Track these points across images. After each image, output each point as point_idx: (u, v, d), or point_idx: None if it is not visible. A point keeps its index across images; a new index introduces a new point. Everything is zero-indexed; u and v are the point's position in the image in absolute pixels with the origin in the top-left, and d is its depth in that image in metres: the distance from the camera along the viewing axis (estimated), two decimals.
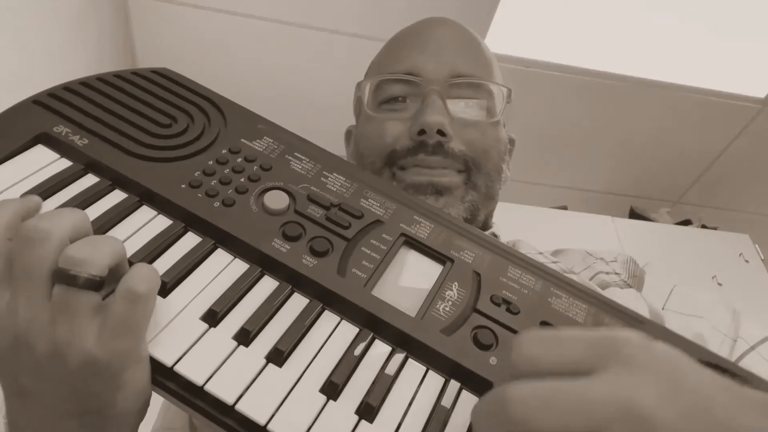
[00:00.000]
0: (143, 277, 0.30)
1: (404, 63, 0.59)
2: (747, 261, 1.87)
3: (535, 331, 0.26)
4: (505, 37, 1.69)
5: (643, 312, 0.54)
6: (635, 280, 0.62)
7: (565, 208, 2.04)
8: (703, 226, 2.08)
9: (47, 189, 0.37)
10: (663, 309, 0.56)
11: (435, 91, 0.56)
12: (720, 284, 1.78)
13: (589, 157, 2.08)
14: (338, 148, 0.68)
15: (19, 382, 0.31)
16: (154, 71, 0.47)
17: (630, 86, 1.82)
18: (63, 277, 0.29)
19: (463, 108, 0.58)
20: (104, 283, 0.30)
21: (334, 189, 0.42)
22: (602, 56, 1.75)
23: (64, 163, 0.39)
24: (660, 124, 1.95)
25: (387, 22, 1.63)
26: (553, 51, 1.73)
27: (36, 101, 0.42)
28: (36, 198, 0.34)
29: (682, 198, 2.25)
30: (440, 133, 0.55)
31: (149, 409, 0.35)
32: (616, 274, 0.62)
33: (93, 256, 0.29)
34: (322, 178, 0.42)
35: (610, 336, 0.25)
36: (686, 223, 2.10)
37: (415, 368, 0.35)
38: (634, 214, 2.19)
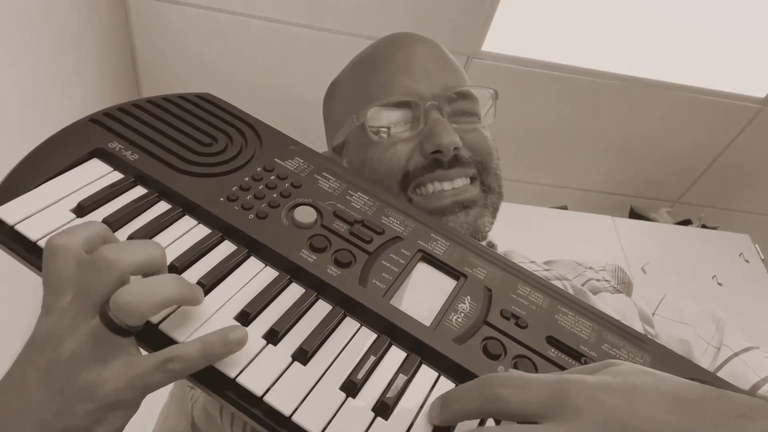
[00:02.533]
0: (186, 358, 0.33)
1: (396, 88, 0.59)
2: (747, 261, 1.87)
3: (504, 374, 0.30)
4: (505, 37, 1.69)
5: (634, 314, 0.57)
6: (624, 286, 0.66)
7: (565, 208, 2.04)
8: (703, 226, 2.08)
9: (102, 198, 0.41)
10: (653, 315, 0.59)
11: (434, 107, 0.57)
12: (720, 284, 1.78)
13: (590, 157, 2.08)
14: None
15: (24, 373, 0.33)
16: (199, 96, 0.52)
17: (630, 86, 1.82)
18: (102, 316, 0.32)
19: (460, 117, 0.60)
20: (137, 331, 0.33)
21: (358, 207, 0.46)
22: (602, 56, 1.75)
23: (117, 176, 0.44)
24: (660, 124, 1.95)
25: (387, 22, 1.63)
26: (553, 51, 1.73)
27: (93, 120, 0.47)
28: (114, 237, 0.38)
29: (682, 198, 2.26)
30: (455, 149, 0.56)
31: (147, 416, 0.36)
32: (606, 281, 0.65)
33: (138, 306, 0.32)
34: (347, 197, 0.46)
35: (565, 384, 0.28)
36: (686, 223, 2.10)
37: (427, 373, 0.37)
38: (634, 214, 2.19)
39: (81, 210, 0.40)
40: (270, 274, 0.40)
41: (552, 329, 0.41)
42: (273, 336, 0.36)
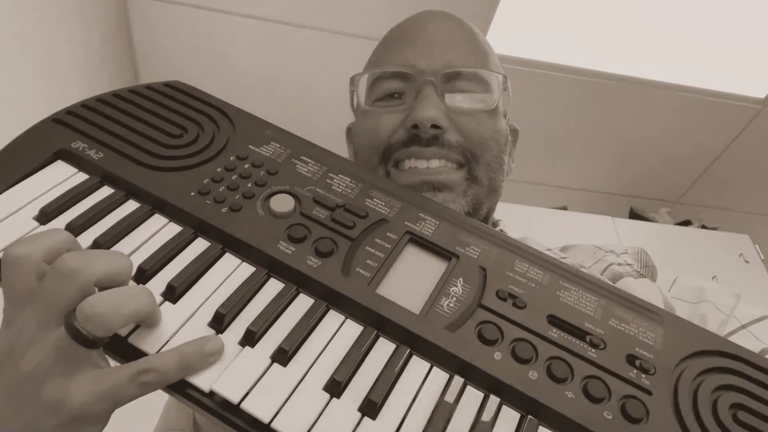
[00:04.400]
0: (161, 370, 0.31)
1: (396, 59, 0.58)
2: (747, 261, 1.87)
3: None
4: (505, 37, 1.68)
5: (658, 301, 0.54)
6: (648, 269, 0.62)
7: (565, 208, 2.04)
8: (703, 226, 2.08)
9: (66, 202, 0.39)
10: (668, 293, 0.56)
11: (429, 82, 0.54)
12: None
13: (589, 157, 2.08)
14: (338, 147, 0.68)
15: None
16: (167, 84, 0.49)
17: (630, 86, 1.82)
18: (69, 327, 0.30)
19: (458, 99, 0.56)
20: (104, 343, 0.31)
21: (339, 190, 0.43)
22: (602, 56, 1.75)
23: (82, 177, 0.41)
24: (660, 124, 1.95)
25: (388, 22, 1.62)
26: (553, 51, 1.73)
27: (55, 119, 0.44)
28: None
29: (682, 198, 2.25)
30: (435, 126, 0.53)
31: (150, 412, 0.35)
32: (628, 264, 0.61)
33: (106, 317, 0.30)
34: (327, 180, 0.43)
35: None
36: (686, 223, 2.10)
37: (419, 365, 0.35)
38: (634, 214, 2.19)
39: (44, 216, 0.38)
40: (247, 270, 0.38)
41: (553, 307, 0.38)
42: (250, 338, 0.34)
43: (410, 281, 0.38)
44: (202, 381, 0.32)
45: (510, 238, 0.42)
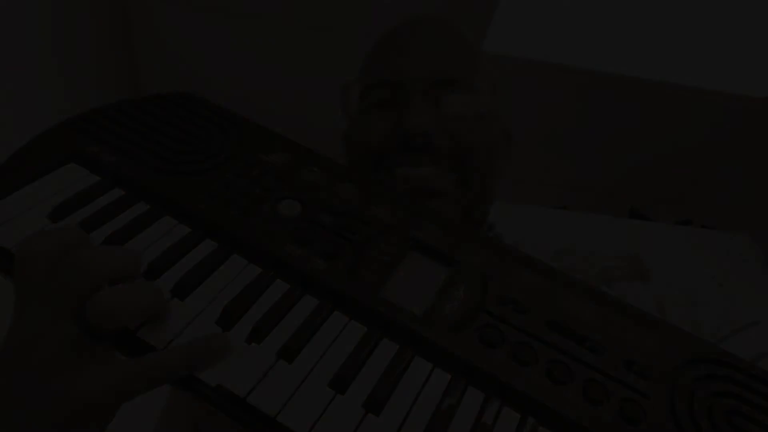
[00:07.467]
0: (168, 366, 0.31)
1: (387, 67, 0.58)
2: (747, 261, 1.87)
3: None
4: (505, 37, 1.68)
5: (648, 302, 0.55)
6: (639, 273, 0.63)
7: (565, 207, 2.04)
8: (703, 226, 2.08)
9: (78, 201, 0.40)
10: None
11: (418, 91, 0.55)
12: (720, 284, 1.78)
13: (590, 157, 2.08)
14: (338, 147, 0.68)
15: None
16: (178, 94, 0.50)
17: (630, 86, 1.82)
18: (79, 320, 0.31)
19: (449, 105, 0.56)
20: (113, 338, 0.32)
21: (345, 197, 0.44)
22: (602, 56, 1.75)
23: (94, 179, 0.42)
24: (660, 123, 1.95)
25: (387, 20, 1.63)
26: (553, 51, 1.73)
27: (69, 123, 0.45)
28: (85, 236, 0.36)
29: (682, 198, 2.26)
30: (424, 134, 0.54)
31: (147, 416, 0.36)
32: (620, 268, 0.62)
33: (115, 311, 0.31)
34: (333, 188, 0.44)
35: None
36: (686, 222, 2.10)
37: (421, 365, 0.36)
38: (634, 214, 2.19)
39: (57, 215, 0.39)
40: (254, 271, 0.39)
41: (553, 313, 0.39)
42: (257, 334, 0.35)
43: (413, 285, 0.39)
44: (209, 376, 0.32)
45: (508, 245, 0.43)
